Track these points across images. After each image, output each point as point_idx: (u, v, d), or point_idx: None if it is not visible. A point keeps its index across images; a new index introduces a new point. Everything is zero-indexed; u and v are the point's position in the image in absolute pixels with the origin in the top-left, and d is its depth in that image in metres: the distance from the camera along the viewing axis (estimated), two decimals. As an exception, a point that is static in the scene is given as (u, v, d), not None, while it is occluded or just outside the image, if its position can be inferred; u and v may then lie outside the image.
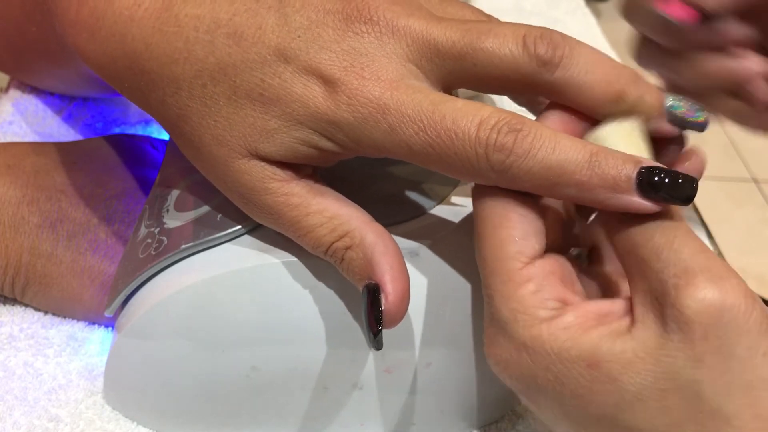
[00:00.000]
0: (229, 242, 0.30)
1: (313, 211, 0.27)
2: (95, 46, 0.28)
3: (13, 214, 0.36)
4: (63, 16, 0.29)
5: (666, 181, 0.24)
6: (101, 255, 0.37)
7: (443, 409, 0.34)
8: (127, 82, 0.28)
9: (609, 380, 0.24)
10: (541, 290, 0.26)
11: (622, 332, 0.25)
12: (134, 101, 0.29)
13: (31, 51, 0.40)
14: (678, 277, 0.24)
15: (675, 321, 0.24)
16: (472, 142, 0.25)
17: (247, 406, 0.33)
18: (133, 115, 0.50)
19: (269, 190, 0.27)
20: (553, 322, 0.25)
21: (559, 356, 0.25)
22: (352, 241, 0.27)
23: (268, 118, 0.26)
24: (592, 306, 0.26)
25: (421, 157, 0.26)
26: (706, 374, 0.23)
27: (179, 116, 0.27)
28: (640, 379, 0.24)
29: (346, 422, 0.34)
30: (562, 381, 0.25)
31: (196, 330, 0.31)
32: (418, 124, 0.25)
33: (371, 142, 0.26)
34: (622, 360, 0.24)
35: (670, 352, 0.24)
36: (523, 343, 0.26)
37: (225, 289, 0.30)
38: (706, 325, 0.23)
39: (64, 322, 0.38)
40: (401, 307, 0.27)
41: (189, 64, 0.27)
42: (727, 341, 0.23)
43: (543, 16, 0.72)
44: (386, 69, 0.26)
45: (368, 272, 0.27)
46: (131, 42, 0.27)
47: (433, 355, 0.32)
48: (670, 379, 0.24)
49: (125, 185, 0.39)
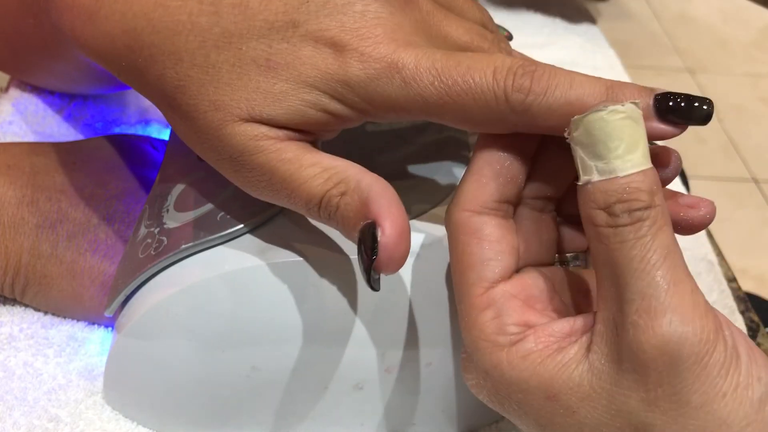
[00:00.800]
0: (229, 242, 0.30)
1: (306, 164, 0.27)
2: (93, 28, 0.28)
3: (13, 215, 0.36)
4: (60, 2, 0.29)
5: (682, 105, 0.24)
6: (101, 255, 0.37)
7: (443, 409, 0.34)
8: (125, 60, 0.28)
9: (568, 413, 0.25)
10: (500, 316, 0.26)
11: (579, 359, 0.25)
12: (129, 81, 0.29)
13: (28, 46, 0.40)
14: (638, 315, 0.23)
15: (629, 360, 0.23)
16: (490, 85, 0.25)
17: (247, 406, 0.33)
18: (133, 115, 0.50)
19: (261, 147, 0.27)
20: (512, 349, 0.25)
21: (519, 386, 0.25)
22: (347, 186, 0.26)
23: (275, 82, 0.26)
24: (553, 327, 0.26)
25: (437, 109, 0.26)
26: (659, 418, 0.23)
27: (177, 87, 0.27)
28: (597, 414, 0.24)
29: (346, 422, 0.34)
30: (525, 410, 0.26)
31: (196, 330, 0.31)
32: (433, 73, 0.25)
33: (384, 99, 0.26)
34: (579, 393, 0.24)
35: (623, 390, 0.24)
36: (485, 370, 0.26)
37: (225, 289, 0.30)
38: (661, 372, 0.23)
39: (64, 322, 0.38)
40: (400, 244, 0.25)
41: (193, 35, 0.27)
42: (682, 388, 0.23)
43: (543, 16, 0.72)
44: (397, 31, 0.26)
45: (364, 213, 0.25)
46: (132, 19, 0.27)
47: (433, 355, 0.32)
48: (624, 418, 0.24)
49: (125, 185, 0.39)
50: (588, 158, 0.24)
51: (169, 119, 0.29)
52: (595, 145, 0.24)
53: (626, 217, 0.23)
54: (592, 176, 0.24)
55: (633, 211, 0.23)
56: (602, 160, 0.24)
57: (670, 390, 0.23)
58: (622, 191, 0.23)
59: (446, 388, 0.33)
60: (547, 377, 0.25)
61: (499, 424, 0.36)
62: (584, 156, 0.24)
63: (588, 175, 0.24)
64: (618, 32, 0.84)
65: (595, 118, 0.23)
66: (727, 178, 1.55)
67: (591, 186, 0.24)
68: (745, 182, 1.55)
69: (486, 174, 0.27)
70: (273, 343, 0.31)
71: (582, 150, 0.24)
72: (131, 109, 0.51)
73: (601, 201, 0.24)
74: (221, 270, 0.30)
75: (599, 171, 0.24)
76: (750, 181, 1.56)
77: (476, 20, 0.30)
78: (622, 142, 0.23)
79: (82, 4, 0.28)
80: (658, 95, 0.25)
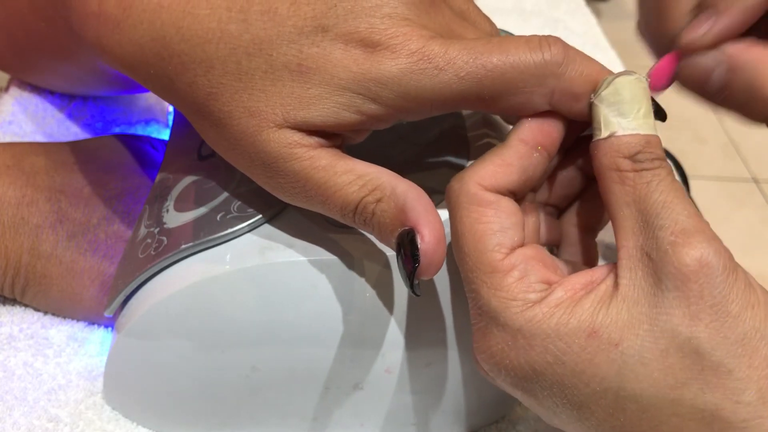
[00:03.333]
0: (229, 242, 0.30)
1: (340, 171, 0.27)
2: (120, 36, 0.28)
3: (13, 215, 0.36)
4: (82, 10, 0.29)
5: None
6: (101, 255, 0.37)
7: (443, 409, 0.34)
8: (154, 68, 0.28)
9: (610, 347, 0.25)
10: (526, 275, 0.26)
11: (611, 293, 0.26)
12: (156, 89, 0.29)
13: (37, 48, 0.40)
14: (675, 236, 0.25)
15: (670, 278, 0.25)
16: (526, 53, 0.26)
17: (247, 406, 0.33)
18: (133, 115, 0.50)
19: (296, 155, 0.27)
20: (544, 301, 0.26)
21: (557, 332, 0.25)
22: (382, 193, 0.27)
23: (309, 86, 0.26)
24: (576, 278, 0.27)
25: (474, 89, 0.26)
26: (703, 331, 0.24)
27: (209, 95, 0.27)
28: (639, 341, 0.25)
29: (346, 422, 0.34)
30: (562, 360, 0.25)
31: (196, 330, 0.31)
32: (465, 53, 0.26)
33: (419, 92, 0.26)
34: (619, 323, 0.25)
35: (665, 309, 0.25)
36: (519, 328, 0.26)
37: (225, 289, 0.30)
38: (702, 283, 0.24)
39: (64, 322, 0.38)
40: (438, 250, 0.26)
41: (223, 42, 0.27)
42: (723, 298, 0.24)
43: (543, 16, 0.72)
44: (424, 29, 0.27)
45: (401, 220, 0.26)
46: (160, 27, 0.28)
47: (433, 355, 0.32)
48: (669, 338, 0.24)
49: (125, 185, 0.39)
50: (612, 115, 0.27)
51: (197, 126, 0.29)
52: (621, 104, 0.27)
53: (649, 163, 0.26)
54: (617, 130, 0.27)
55: (654, 159, 0.26)
56: (626, 117, 0.27)
57: (711, 301, 0.24)
58: (645, 143, 0.26)
59: (446, 389, 0.33)
60: (585, 317, 0.25)
61: (499, 425, 0.36)
62: (608, 113, 0.27)
63: (611, 129, 0.27)
64: (618, 32, 0.84)
65: (627, 80, 0.27)
66: (727, 178, 1.55)
67: (616, 138, 0.27)
68: (745, 182, 1.55)
69: (514, 164, 0.28)
70: (273, 343, 0.31)
71: (608, 107, 0.27)
72: (131, 109, 0.51)
73: (626, 150, 0.26)
74: (221, 270, 0.30)
75: (623, 127, 0.27)
76: (750, 181, 1.56)
77: (487, 32, 0.31)
78: (643, 106, 0.27)
79: (108, 12, 0.28)
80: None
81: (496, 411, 0.36)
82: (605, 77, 0.27)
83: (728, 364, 0.24)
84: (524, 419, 0.37)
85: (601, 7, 1.85)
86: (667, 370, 0.24)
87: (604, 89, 0.27)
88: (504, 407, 0.36)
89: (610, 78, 0.27)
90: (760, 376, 0.24)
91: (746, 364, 0.24)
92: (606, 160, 0.27)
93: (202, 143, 0.34)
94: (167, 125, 0.50)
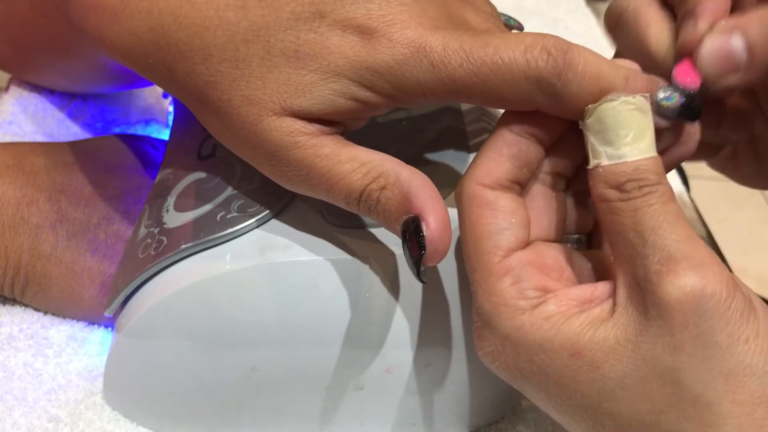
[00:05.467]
0: (229, 242, 0.30)
1: (344, 159, 0.27)
2: (119, 27, 0.28)
3: (13, 215, 0.36)
4: (81, 3, 0.29)
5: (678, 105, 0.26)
6: (101, 255, 0.37)
7: (443, 409, 0.34)
8: (152, 57, 0.28)
9: (591, 368, 0.25)
10: (520, 281, 0.26)
11: (604, 318, 0.25)
12: (156, 79, 0.29)
13: (37, 46, 0.40)
14: (660, 264, 0.24)
15: (655, 308, 0.24)
16: (520, 66, 0.25)
17: (247, 406, 0.33)
18: (133, 115, 0.50)
19: (298, 143, 0.27)
20: (534, 312, 0.26)
21: (542, 347, 0.25)
22: (386, 180, 0.27)
23: (305, 73, 0.26)
24: (574, 292, 0.26)
25: (466, 91, 0.26)
26: (685, 362, 0.24)
27: (208, 83, 0.27)
28: (621, 366, 0.25)
29: (346, 422, 0.34)
30: (546, 371, 0.26)
31: (196, 330, 0.31)
32: (461, 54, 0.25)
33: (413, 84, 0.26)
34: (604, 348, 0.25)
35: (649, 338, 0.24)
36: (507, 335, 0.26)
37: (225, 289, 0.30)
38: (686, 313, 0.24)
39: (64, 322, 0.38)
40: (444, 237, 0.26)
41: (221, 29, 0.27)
42: (707, 329, 0.24)
43: (543, 16, 0.72)
44: (423, 15, 0.26)
45: (406, 207, 0.26)
46: (158, 16, 0.27)
47: (433, 355, 0.32)
48: (650, 366, 0.24)
49: (125, 185, 0.39)
50: (598, 144, 0.26)
51: (199, 116, 0.29)
52: (606, 132, 0.26)
53: (637, 191, 0.25)
54: (602, 160, 0.26)
55: (643, 187, 0.25)
56: (612, 146, 0.26)
57: (696, 331, 0.24)
58: (632, 172, 0.25)
59: (446, 389, 0.33)
60: (571, 335, 0.25)
61: (499, 425, 0.36)
62: (595, 141, 0.26)
63: (598, 159, 0.26)
64: (618, 32, 0.84)
65: (608, 107, 0.25)
66: (727, 178, 1.54)
67: (602, 169, 0.26)
68: (745, 182, 1.55)
69: (504, 153, 0.27)
70: (273, 343, 0.31)
71: (593, 136, 0.26)
72: (131, 109, 0.51)
73: (612, 181, 0.25)
74: (221, 270, 0.30)
75: (608, 156, 0.26)
76: (750, 181, 1.56)
77: (488, 13, 0.31)
78: (631, 131, 0.25)
79: (106, 3, 0.28)
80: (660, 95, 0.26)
81: (496, 411, 0.36)
82: (589, 106, 0.26)
83: (708, 396, 0.24)
84: (524, 419, 0.36)
85: (601, 7, 1.85)
86: (646, 396, 0.24)
87: (588, 118, 0.26)
88: (504, 407, 0.36)
89: (592, 107, 0.26)
90: (742, 413, 0.23)
91: (729, 399, 0.24)
92: (595, 191, 0.26)
93: (202, 143, 0.34)
94: (167, 125, 0.50)
